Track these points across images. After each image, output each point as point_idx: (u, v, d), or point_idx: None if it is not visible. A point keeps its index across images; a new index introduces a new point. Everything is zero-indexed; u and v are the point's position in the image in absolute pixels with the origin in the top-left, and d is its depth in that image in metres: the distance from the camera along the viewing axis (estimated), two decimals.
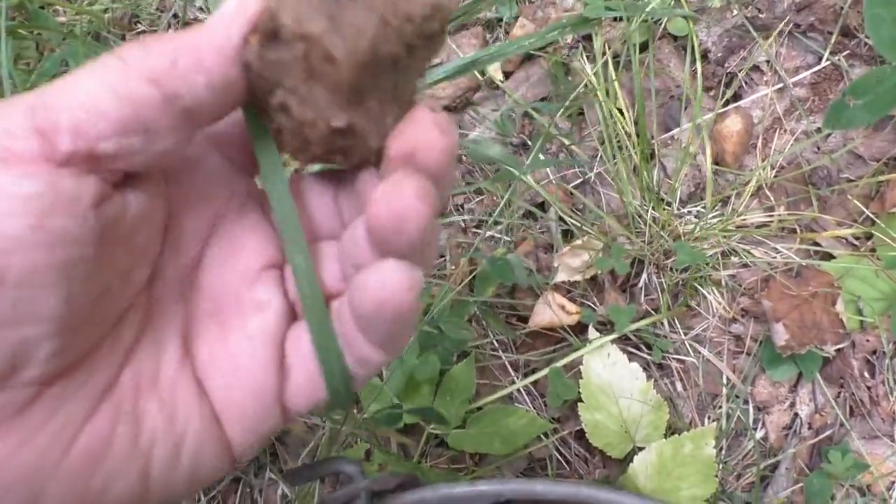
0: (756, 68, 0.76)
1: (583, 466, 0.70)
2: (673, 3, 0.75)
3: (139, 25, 0.77)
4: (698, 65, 0.74)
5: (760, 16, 0.75)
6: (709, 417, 0.70)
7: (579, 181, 0.76)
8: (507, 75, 0.79)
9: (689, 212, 0.74)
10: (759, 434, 0.70)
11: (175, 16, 0.76)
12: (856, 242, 0.72)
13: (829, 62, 0.75)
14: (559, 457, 0.70)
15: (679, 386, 0.72)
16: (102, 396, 0.25)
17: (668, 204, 0.73)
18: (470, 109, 0.78)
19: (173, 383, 0.27)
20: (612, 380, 0.70)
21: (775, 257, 0.72)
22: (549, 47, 0.78)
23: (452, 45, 0.77)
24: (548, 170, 0.75)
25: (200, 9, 0.75)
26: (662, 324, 0.72)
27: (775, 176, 0.74)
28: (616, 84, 0.74)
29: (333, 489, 0.70)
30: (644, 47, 0.76)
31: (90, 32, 0.73)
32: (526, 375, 0.72)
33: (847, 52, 0.75)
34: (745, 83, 0.76)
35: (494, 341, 0.72)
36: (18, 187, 0.21)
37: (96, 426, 0.24)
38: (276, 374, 0.28)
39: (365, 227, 0.25)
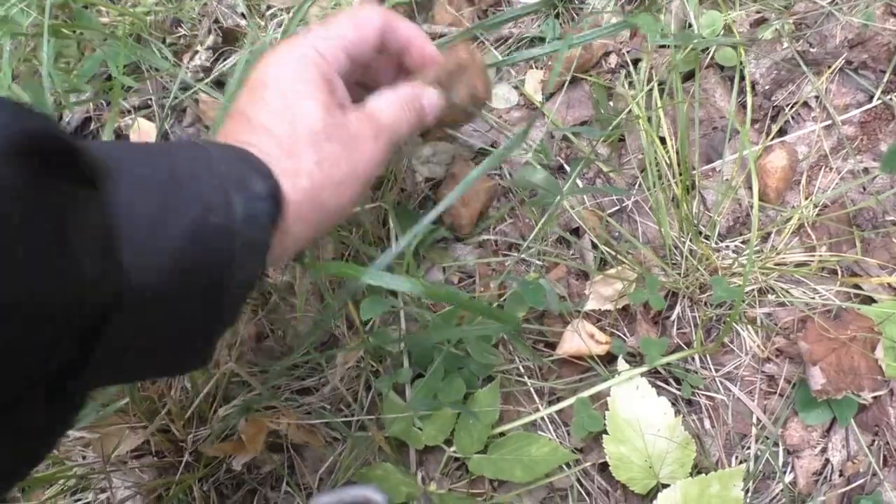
0: (804, 103, 0.74)
1: (604, 500, 0.69)
2: (722, 32, 0.74)
3: (180, 29, 0.77)
4: (748, 96, 0.72)
5: (811, 50, 0.74)
6: (736, 458, 0.69)
7: (615, 209, 0.74)
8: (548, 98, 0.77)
9: (728, 246, 0.72)
10: (787, 478, 0.68)
11: (216, 21, 0.75)
12: None
13: (880, 101, 0.73)
14: (580, 488, 0.69)
15: (707, 423, 0.70)
16: None
17: (707, 237, 0.72)
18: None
19: None
20: (639, 413, 0.68)
21: (814, 298, 0.70)
22: (591, 70, 0.76)
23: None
24: (584, 195, 0.74)
25: (242, 15, 0.75)
26: (693, 359, 0.71)
27: (818, 215, 0.72)
28: (660, 112, 0.72)
29: None
30: (689, 76, 0.74)
31: (132, 34, 0.73)
32: (551, 403, 0.71)
33: None
34: (792, 118, 0.74)
35: (520, 367, 0.71)
36: None
37: None
38: None
39: None
